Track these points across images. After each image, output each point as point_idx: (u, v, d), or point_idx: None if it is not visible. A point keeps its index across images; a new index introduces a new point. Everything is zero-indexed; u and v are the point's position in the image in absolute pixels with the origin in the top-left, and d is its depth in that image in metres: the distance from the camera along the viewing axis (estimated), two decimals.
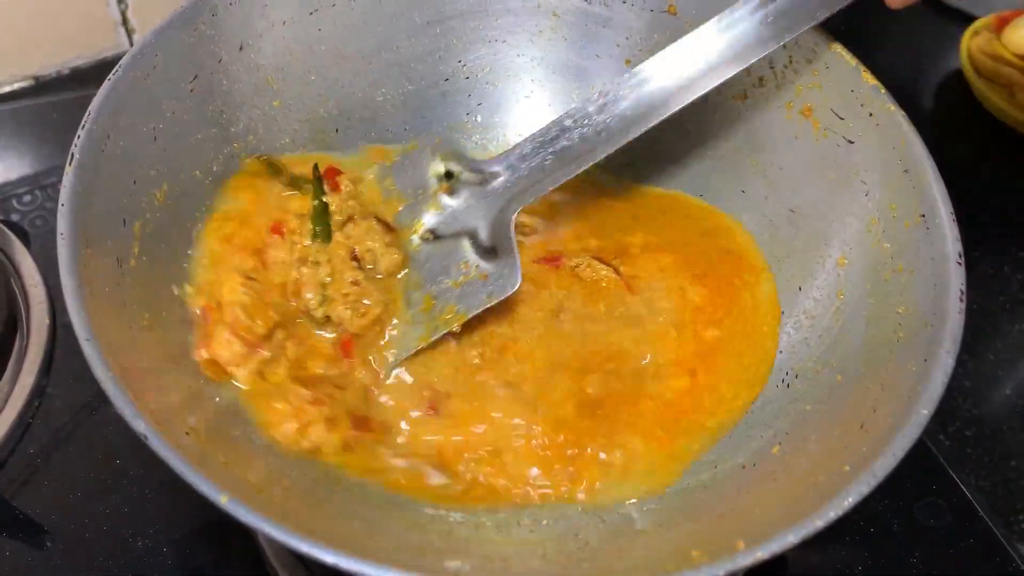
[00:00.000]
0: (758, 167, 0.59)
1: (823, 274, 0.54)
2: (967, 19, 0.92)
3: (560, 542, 0.45)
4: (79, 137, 0.44)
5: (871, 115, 0.52)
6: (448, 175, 0.55)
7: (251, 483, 0.39)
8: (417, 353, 0.52)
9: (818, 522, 0.35)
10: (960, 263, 0.44)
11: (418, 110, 0.65)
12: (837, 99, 0.54)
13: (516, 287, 0.51)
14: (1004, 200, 0.82)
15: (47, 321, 0.60)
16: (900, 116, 0.51)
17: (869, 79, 0.52)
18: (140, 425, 0.35)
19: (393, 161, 0.58)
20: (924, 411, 0.38)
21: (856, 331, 0.49)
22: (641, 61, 0.53)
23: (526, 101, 0.66)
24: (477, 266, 0.53)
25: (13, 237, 0.65)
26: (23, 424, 0.56)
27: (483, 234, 0.54)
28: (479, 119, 0.66)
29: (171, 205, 0.50)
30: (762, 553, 0.33)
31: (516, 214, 0.54)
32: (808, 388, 0.50)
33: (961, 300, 0.43)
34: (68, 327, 0.60)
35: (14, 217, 0.69)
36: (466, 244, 0.54)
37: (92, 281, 0.40)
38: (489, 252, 0.53)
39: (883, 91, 0.52)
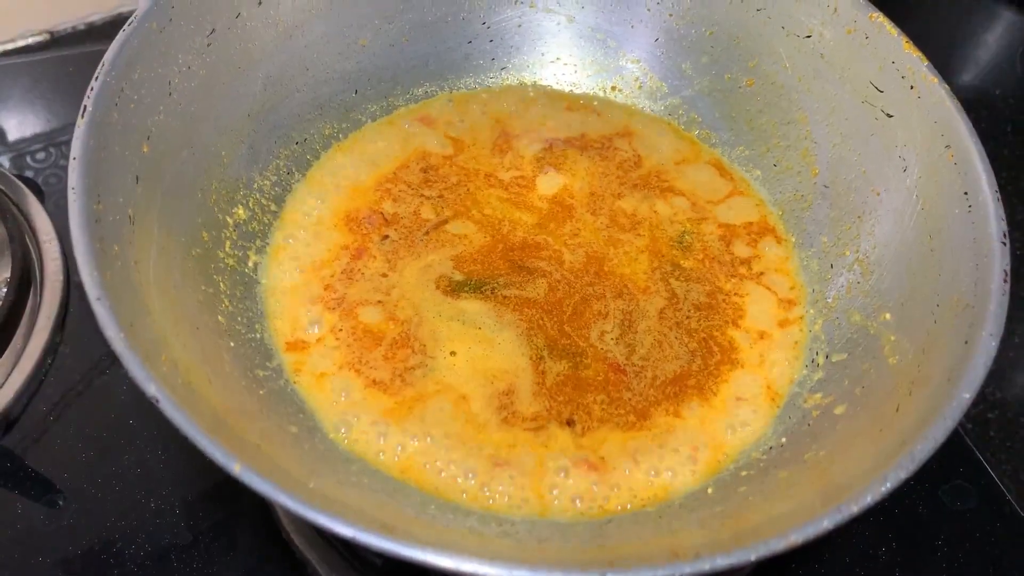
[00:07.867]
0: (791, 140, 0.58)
1: (856, 252, 0.52)
2: None
3: None
4: (92, 89, 0.42)
5: (912, 88, 0.50)
6: None
7: (266, 452, 0.38)
8: None
9: (854, 507, 0.33)
10: (1005, 243, 0.42)
11: (439, 72, 0.63)
12: (876, 70, 0.52)
13: None
14: None
15: (61, 278, 0.59)
16: (943, 90, 0.49)
17: (911, 50, 0.50)
18: (151, 388, 0.34)
19: None
20: (966, 395, 0.37)
21: (891, 310, 0.48)
22: (675, 29, 0.50)
23: (551, 67, 0.64)
24: None
25: (28, 192, 0.64)
26: (36, 381, 0.56)
27: None
28: (502, 83, 0.64)
29: (186, 161, 0.48)
30: (796, 538, 0.32)
31: None
32: (841, 366, 0.49)
33: (1005, 281, 0.41)
34: (83, 285, 0.60)
35: (28, 173, 0.68)
36: None
37: (104, 238, 0.39)
38: None
39: (925, 63, 0.50)
